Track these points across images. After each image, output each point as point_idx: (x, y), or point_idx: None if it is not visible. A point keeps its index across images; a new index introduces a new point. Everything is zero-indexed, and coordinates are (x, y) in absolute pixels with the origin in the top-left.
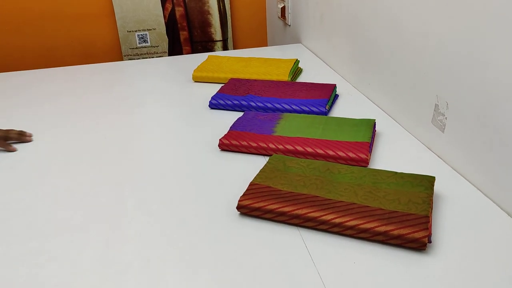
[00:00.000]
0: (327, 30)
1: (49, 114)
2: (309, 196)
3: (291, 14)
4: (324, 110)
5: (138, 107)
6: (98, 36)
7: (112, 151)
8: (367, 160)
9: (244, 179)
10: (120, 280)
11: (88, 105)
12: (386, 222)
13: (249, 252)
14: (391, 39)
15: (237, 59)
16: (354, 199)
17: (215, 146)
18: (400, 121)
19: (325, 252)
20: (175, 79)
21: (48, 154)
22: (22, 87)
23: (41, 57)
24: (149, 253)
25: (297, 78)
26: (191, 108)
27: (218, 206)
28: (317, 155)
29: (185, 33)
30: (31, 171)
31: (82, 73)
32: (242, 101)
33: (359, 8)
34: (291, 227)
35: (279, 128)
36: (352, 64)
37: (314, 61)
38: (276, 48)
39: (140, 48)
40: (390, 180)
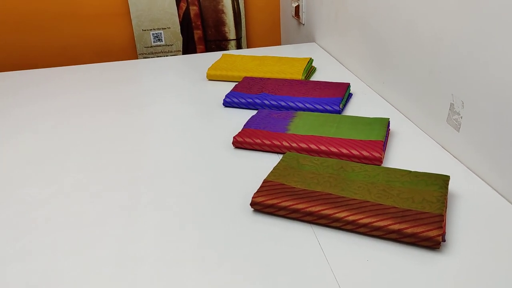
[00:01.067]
0: (341, 28)
1: (66, 109)
2: (322, 194)
3: (305, 13)
4: (338, 108)
5: (153, 105)
6: (114, 35)
7: (127, 147)
8: (381, 159)
9: (257, 176)
10: (136, 273)
11: (103, 102)
12: (400, 220)
13: (263, 248)
14: (406, 38)
15: (251, 58)
16: (368, 197)
17: (229, 144)
18: (414, 120)
19: (338, 249)
20: (189, 77)
21: (65, 149)
22: (39, 84)
23: (57, 56)
24: (164, 247)
25: (310, 77)
26: (205, 106)
27: (232, 203)
28: (330, 153)
29: (199, 32)
30: (49, 164)
31: (98, 71)
32: (256, 99)
33: (374, 7)
34: (304, 224)
35: (293, 126)
36: (366, 63)
37: (328, 60)
38: (290, 47)
39: (155, 47)
40: (404, 179)
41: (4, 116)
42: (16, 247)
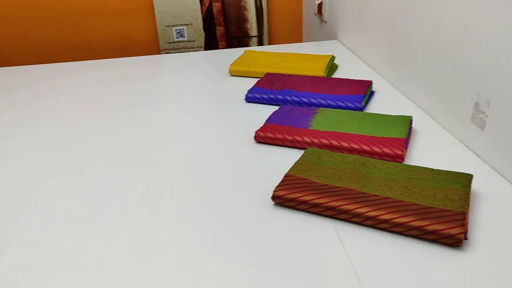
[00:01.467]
0: (364, 26)
1: (89, 103)
2: (343, 189)
3: (328, 10)
4: (360, 106)
5: (175, 99)
6: (137, 31)
7: (150, 141)
8: (403, 156)
9: (278, 171)
10: (156, 264)
11: (126, 95)
12: (421, 217)
13: (283, 241)
14: (431, 35)
15: (273, 54)
16: (389, 193)
17: (251, 139)
18: (437, 119)
19: (358, 244)
20: (211, 72)
21: (88, 141)
22: (64, 77)
23: (82, 50)
24: (184, 238)
25: (332, 74)
26: (227, 101)
27: (253, 196)
28: (352, 149)
29: (221, 28)
30: (71, 156)
31: (120, 66)
32: (278, 95)
33: (399, 3)
34: (324, 218)
35: (315, 122)
36: (389, 61)
37: (350, 57)
38: (312, 45)
39: (177, 43)
40: (426, 177)
41: (30, 107)
42: (41, 235)
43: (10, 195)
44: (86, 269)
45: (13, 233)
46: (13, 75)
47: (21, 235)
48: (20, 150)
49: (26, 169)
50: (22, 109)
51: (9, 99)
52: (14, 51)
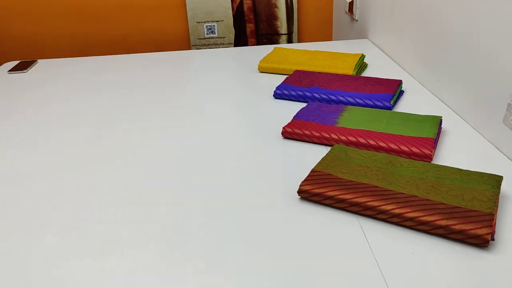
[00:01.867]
0: (396, 25)
1: (122, 94)
2: (369, 186)
3: (359, 9)
4: (389, 105)
5: (205, 94)
6: (169, 26)
7: (178, 133)
8: (431, 156)
9: (305, 166)
10: (184, 250)
11: (156, 89)
12: (448, 216)
13: (307, 235)
14: (466, 36)
15: (302, 52)
16: (416, 192)
17: (278, 134)
18: (468, 120)
19: (383, 241)
20: (241, 68)
21: (122, 129)
22: (99, 71)
23: (115, 44)
24: (211, 228)
25: (362, 72)
26: (256, 97)
27: (279, 190)
28: (379, 147)
29: (252, 25)
30: (106, 144)
31: (152, 60)
32: (306, 92)
33: (432, 2)
34: (349, 214)
35: (342, 120)
36: (421, 60)
37: (380, 56)
38: (342, 43)
39: (208, 39)
40: (454, 177)
41: (67, 98)
42: (78, 219)
43: (54, 179)
44: (121, 251)
45: (54, 215)
46: (54, 66)
47: (60, 218)
48: (63, 136)
49: (64, 156)
50: (62, 98)
51: (50, 89)
52: (55, 45)
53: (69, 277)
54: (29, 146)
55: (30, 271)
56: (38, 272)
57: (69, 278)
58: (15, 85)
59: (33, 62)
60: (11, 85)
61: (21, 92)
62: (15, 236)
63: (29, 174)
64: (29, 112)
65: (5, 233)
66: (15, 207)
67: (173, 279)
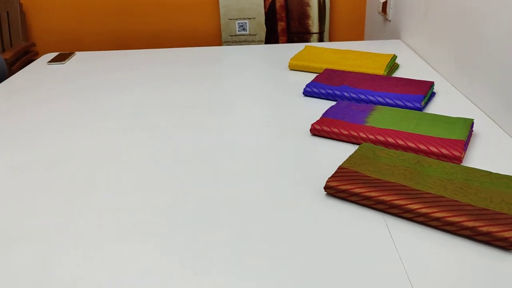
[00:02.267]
0: (430, 26)
1: (154, 88)
2: (396, 185)
3: (393, 9)
4: (419, 106)
5: (234, 90)
6: (202, 22)
7: (209, 126)
8: (461, 158)
9: (332, 163)
10: (211, 239)
11: (186, 85)
12: (475, 218)
13: (332, 230)
14: (501, 39)
15: (333, 51)
16: (443, 192)
17: (307, 131)
18: (501, 124)
19: (408, 239)
20: (271, 65)
21: (153, 124)
22: (132, 64)
23: (149, 39)
24: (238, 218)
25: (393, 73)
26: (285, 94)
27: (306, 185)
28: (408, 148)
29: (283, 23)
30: (137, 133)
31: (184, 55)
32: (336, 91)
33: (470, 3)
34: (375, 212)
35: (371, 119)
36: (454, 62)
37: (413, 58)
38: (374, 43)
39: (239, 36)
40: (483, 179)
41: (102, 89)
42: (108, 204)
43: (86, 166)
44: (149, 236)
45: (83, 199)
46: (90, 59)
47: (91, 202)
48: (97, 125)
49: (99, 144)
50: (97, 89)
51: (86, 80)
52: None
53: (98, 258)
54: (65, 132)
55: (62, 250)
56: (69, 251)
57: (98, 259)
58: (53, 75)
59: (71, 54)
60: (50, 75)
61: (58, 82)
62: (51, 217)
63: (63, 160)
64: (67, 101)
65: (42, 213)
66: (51, 190)
67: (197, 267)
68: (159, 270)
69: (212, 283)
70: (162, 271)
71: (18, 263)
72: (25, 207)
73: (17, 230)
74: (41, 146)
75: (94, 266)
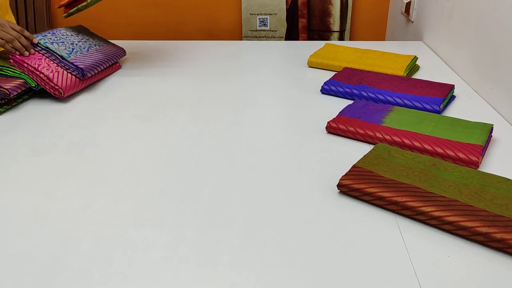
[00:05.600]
0: (454, 28)
1: (172, 80)
2: (410, 186)
3: (416, 10)
4: (438, 108)
5: (252, 85)
6: (223, 16)
7: (226, 120)
8: (478, 163)
9: (347, 162)
10: (223, 230)
11: (204, 78)
12: (490, 224)
13: (344, 228)
14: None
15: (353, 50)
16: (458, 197)
17: (322, 129)
18: None
19: (419, 242)
20: (290, 62)
21: (170, 116)
22: (152, 55)
23: (170, 31)
24: (251, 211)
25: (413, 74)
26: (303, 91)
27: (320, 182)
28: (424, 150)
29: (304, 20)
30: (158, 124)
31: (204, 48)
32: (354, 90)
33: (495, 7)
34: (387, 212)
35: (388, 120)
36: (477, 66)
37: (434, 60)
38: (395, 44)
39: (259, 31)
40: (500, 185)
41: (120, 79)
42: (127, 189)
43: (108, 151)
44: (164, 223)
45: (106, 185)
46: None
47: (112, 187)
48: (117, 114)
49: (121, 133)
50: (116, 79)
51: None
52: (115, 28)
53: (111, 242)
54: (87, 120)
55: (78, 232)
56: (85, 235)
57: (115, 242)
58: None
59: None
60: None
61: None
62: (70, 199)
63: (83, 145)
64: (87, 88)
65: (63, 196)
66: (71, 174)
67: (209, 255)
68: (170, 257)
69: (221, 275)
70: (173, 258)
71: (36, 242)
72: (45, 189)
73: (36, 211)
74: (63, 133)
75: (107, 250)
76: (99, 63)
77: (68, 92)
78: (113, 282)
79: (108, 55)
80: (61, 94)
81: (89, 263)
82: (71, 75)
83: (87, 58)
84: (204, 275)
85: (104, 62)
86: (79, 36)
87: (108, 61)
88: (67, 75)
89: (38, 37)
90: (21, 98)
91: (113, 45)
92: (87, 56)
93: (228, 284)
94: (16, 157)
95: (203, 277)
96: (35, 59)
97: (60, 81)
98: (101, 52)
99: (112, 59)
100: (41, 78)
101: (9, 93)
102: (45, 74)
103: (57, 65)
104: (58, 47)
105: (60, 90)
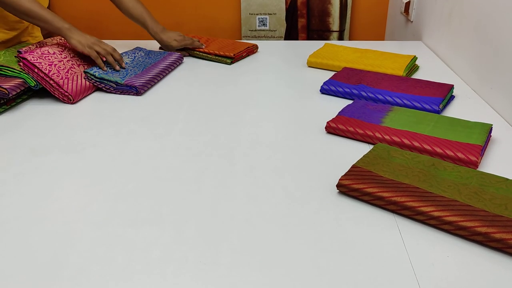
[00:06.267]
0: (453, 28)
1: (174, 79)
2: (409, 186)
3: (415, 10)
4: (437, 108)
5: (252, 85)
6: (222, 15)
7: (225, 120)
8: (477, 163)
9: (346, 162)
10: (223, 229)
11: (203, 78)
12: (489, 224)
13: (343, 228)
14: None
15: (353, 50)
16: (457, 196)
17: (322, 129)
18: None
19: (419, 242)
20: (289, 62)
21: (171, 111)
22: None
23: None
24: (250, 211)
25: (412, 74)
26: (302, 91)
27: (319, 182)
28: (423, 150)
29: (303, 20)
30: (158, 123)
31: None
32: (353, 90)
33: (494, 8)
34: (387, 212)
35: (388, 120)
36: (476, 66)
37: (433, 60)
38: (394, 44)
39: (259, 31)
40: (499, 185)
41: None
42: (126, 188)
43: (111, 152)
44: (169, 217)
45: (105, 184)
46: None
47: (112, 187)
48: (121, 114)
49: (124, 131)
50: None
51: None
52: (115, 27)
53: (111, 241)
54: (87, 120)
55: (78, 231)
56: (85, 234)
57: (115, 242)
58: None
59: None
60: None
61: None
62: (71, 198)
63: (85, 145)
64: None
65: (63, 196)
66: (72, 174)
67: (209, 256)
68: (170, 257)
69: (221, 275)
70: (173, 258)
71: (36, 242)
72: (45, 189)
73: (36, 211)
74: (67, 134)
75: (107, 249)
76: (153, 78)
77: (77, 98)
78: (113, 281)
79: (162, 70)
80: (71, 100)
81: (89, 262)
82: (81, 81)
83: (141, 77)
84: (204, 275)
85: (158, 75)
86: (136, 56)
87: (162, 73)
88: (77, 81)
89: (92, 70)
90: (20, 98)
91: (170, 55)
92: (141, 75)
93: (228, 284)
94: (16, 157)
95: (203, 277)
96: (45, 64)
97: (70, 87)
98: (155, 66)
99: (167, 69)
100: (51, 85)
101: (8, 92)
102: (55, 80)
103: (67, 72)
104: (112, 75)
105: (70, 96)
